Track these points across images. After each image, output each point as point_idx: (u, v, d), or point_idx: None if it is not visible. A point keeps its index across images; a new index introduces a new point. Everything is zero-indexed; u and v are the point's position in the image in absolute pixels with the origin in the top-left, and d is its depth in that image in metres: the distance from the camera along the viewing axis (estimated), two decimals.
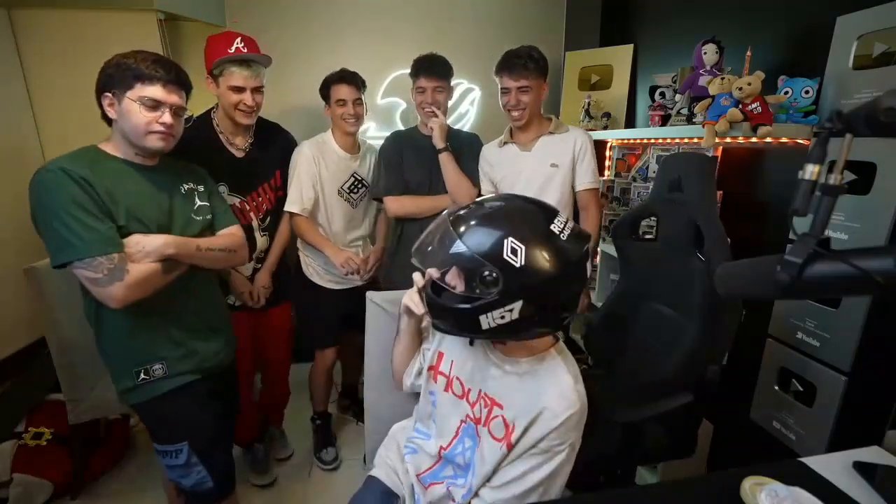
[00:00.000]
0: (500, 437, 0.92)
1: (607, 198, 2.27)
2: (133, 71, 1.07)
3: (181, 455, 1.22)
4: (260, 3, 2.40)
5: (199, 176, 1.35)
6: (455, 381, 1.01)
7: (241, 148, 1.65)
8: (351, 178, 1.86)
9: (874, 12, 1.20)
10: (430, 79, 1.80)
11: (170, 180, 1.23)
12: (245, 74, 1.54)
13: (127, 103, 1.08)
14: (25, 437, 1.77)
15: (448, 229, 0.84)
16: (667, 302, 1.45)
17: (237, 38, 1.53)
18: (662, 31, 2.21)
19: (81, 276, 1.04)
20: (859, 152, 1.18)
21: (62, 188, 1.02)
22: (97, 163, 1.10)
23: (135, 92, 1.08)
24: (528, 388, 0.90)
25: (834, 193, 0.55)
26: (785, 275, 0.58)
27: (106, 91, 1.09)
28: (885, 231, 1.16)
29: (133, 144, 1.14)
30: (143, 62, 1.09)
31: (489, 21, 2.61)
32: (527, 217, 0.86)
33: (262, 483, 1.89)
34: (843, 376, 1.28)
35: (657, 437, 1.36)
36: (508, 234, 0.80)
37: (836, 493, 0.83)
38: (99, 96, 1.11)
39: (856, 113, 0.54)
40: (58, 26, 1.88)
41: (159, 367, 1.18)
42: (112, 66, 1.09)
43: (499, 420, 0.92)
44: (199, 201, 1.29)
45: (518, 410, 0.90)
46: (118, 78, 1.08)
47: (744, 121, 1.38)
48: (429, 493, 1.03)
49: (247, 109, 1.57)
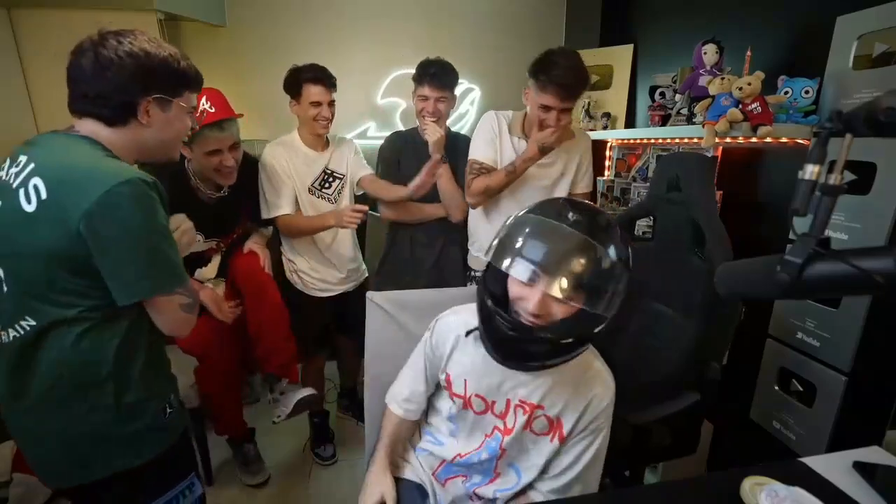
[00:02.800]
0: (547, 432, 0.95)
1: (607, 198, 2.28)
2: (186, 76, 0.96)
3: (195, 488, 1.05)
4: (260, 3, 2.41)
5: None
6: (473, 399, 0.98)
7: (212, 196, 1.62)
8: (322, 173, 1.81)
9: (874, 12, 1.20)
10: (434, 88, 1.73)
11: None
12: (218, 137, 1.46)
13: (177, 110, 0.96)
14: None
15: (587, 245, 0.79)
16: (665, 301, 1.45)
17: (202, 97, 1.42)
18: (662, 31, 2.21)
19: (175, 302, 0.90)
20: (859, 152, 1.18)
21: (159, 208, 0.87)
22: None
23: (185, 99, 0.97)
24: (568, 383, 0.93)
25: (834, 193, 0.55)
26: (785, 275, 0.58)
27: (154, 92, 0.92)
28: (885, 231, 1.16)
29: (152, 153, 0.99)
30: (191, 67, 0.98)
31: (489, 21, 2.61)
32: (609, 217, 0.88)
33: (255, 483, 1.89)
34: (843, 376, 1.28)
35: (663, 436, 1.37)
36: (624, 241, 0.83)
37: (836, 493, 0.83)
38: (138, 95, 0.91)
39: (856, 113, 0.54)
40: (58, 26, 1.88)
41: (173, 395, 1.02)
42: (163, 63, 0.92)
43: (541, 419, 0.94)
44: None
45: (562, 405, 0.93)
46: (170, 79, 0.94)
47: (744, 121, 1.38)
48: (447, 489, 1.04)
49: (227, 170, 1.52)
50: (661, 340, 1.42)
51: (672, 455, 1.40)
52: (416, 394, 1.07)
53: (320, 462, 2.02)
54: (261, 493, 1.88)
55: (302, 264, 1.87)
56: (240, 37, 2.42)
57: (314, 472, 1.99)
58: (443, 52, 1.88)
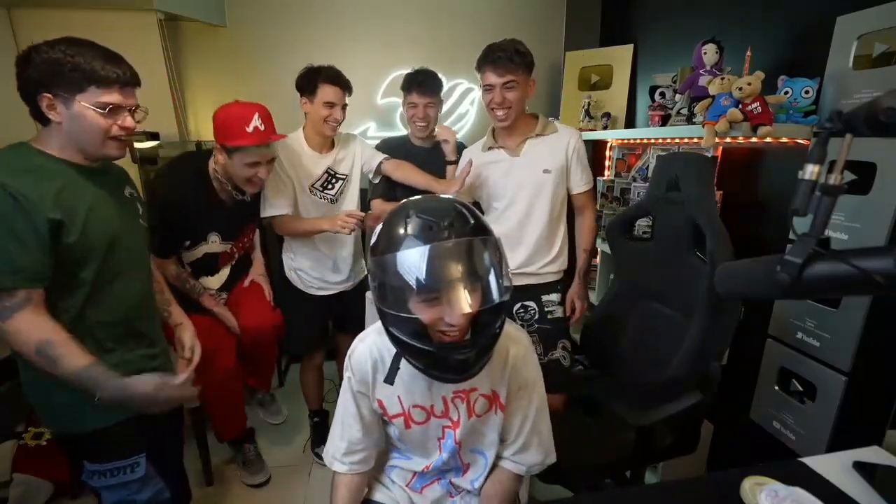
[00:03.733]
0: (489, 409, 0.97)
1: (607, 198, 2.28)
2: (84, 72, 0.93)
3: (138, 468, 1.10)
4: (260, 3, 2.41)
5: (131, 180, 1.20)
6: (412, 411, 0.96)
7: (235, 196, 1.66)
8: (324, 174, 1.81)
9: (874, 12, 1.20)
10: (422, 95, 1.83)
11: (115, 184, 1.11)
12: (263, 152, 1.53)
13: (80, 108, 0.94)
14: (25, 437, 1.77)
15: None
16: (665, 301, 1.45)
17: (255, 113, 1.49)
18: (662, 31, 2.21)
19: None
20: (859, 152, 1.18)
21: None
22: (42, 171, 0.95)
23: (89, 96, 0.94)
24: None
25: (834, 193, 0.55)
26: (785, 275, 0.58)
27: (43, 91, 0.92)
28: (885, 231, 1.16)
29: (82, 150, 1.00)
30: (96, 60, 0.93)
31: (489, 21, 2.62)
32: None
33: (255, 482, 1.89)
34: (843, 376, 1.28)
35: (663, 436, 1.37)
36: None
37: (836, 493, 0.83)
38: (30, 94, 0.94)
39: (856, 113, 0.54)
40: (58, 26, 1.87)
41: None
42: (49, 62, 0.91)
43: (480, 400, 0.96)
44: (140, 207, 1.18)
45: (490, 378, 0.95)
46: (63, 77, 0.92)
47: (744, 121, 1.38)
48: (426, 496, 1.04)
49: (259, 181, 1.58)
50: (661, 340, 1.42)
51: (672, 454, 1.40)
52: (354, 441, 0.99)
53: (320, 462, 2.02)
54: (261, 492, 1.88)
55: (301, 263, 1.87)
56: (240, 37, 2.42)
57: (314, 472, 1.99)
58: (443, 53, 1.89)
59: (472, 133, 2.77)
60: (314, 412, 2.11)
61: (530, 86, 1.57)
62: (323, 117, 1.71)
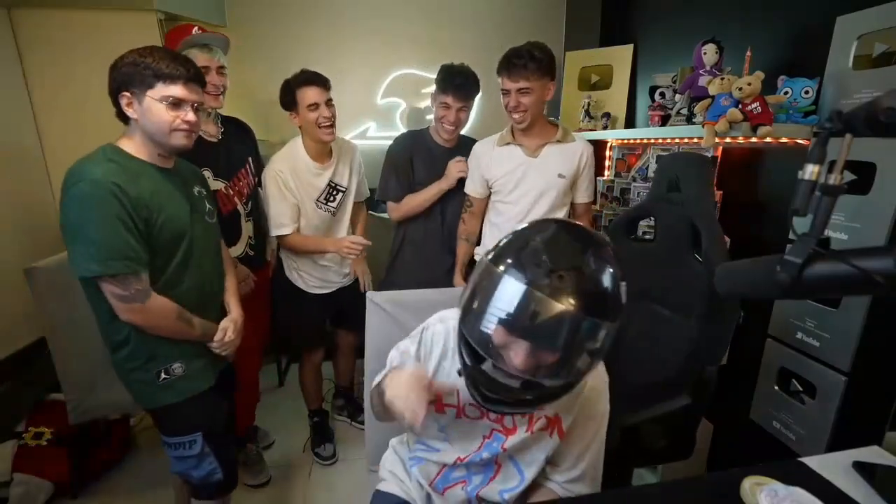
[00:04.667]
0: (545, 428, 0.93)
1: (607, 198, 2.28)
2: (153, 70, 1.06)
3: (195, 446, 1.24)
4: (260, 3, 2.41)
5: (202, 178, 1.36)
6: (468, 407, 0.95)
7: (213, 135, 1.64)
8: (326, 187, 1.81)
9: (874, 12, 1.20)
10: (457, 98, 1.74)
11: (185, 183, 1.24)
12: (206, 56, 1.56)
13: (149, 102, 1.08)
14: (25, 437, 1.77)
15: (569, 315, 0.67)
16: (664, 303, 1.45)
17: (194, 27, 1.53)
18: (662, 31, 2.21)
19: (110, 290, 1.06)
20: (859, 152, 1.18)
21: (107, 203, 1.02)
22: (131, 170, 1.09)
23: (156, 91, 1.08)
24: None
25: (834, 193, 0.55)
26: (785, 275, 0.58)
27: (123, 90, 1.08)
28: (885, 231, 1.16)
29: (157, 143, 1.13)
30: (163, 61, 1.08)
31: (489, 21, 2.61)
32: (601, 244, 0.76)
33: (256, 483, 1.89)
34: (843, 376, 1.28)
35: (655, 439, 1.36)
36: (621, 277, 0.72)
37: (836, 493, 0.83)
38: (115, 95, 1.10)
39: (856, 113, 0.54)
40: (58, 26, 1.88)
41: (178, 365, 1.20)
42: (128, 65, 1.07)
43: (541, 419, 0.92)
44: (209, 205, 1.31)
45: (559, 403, 0.88)
46: (137, 77, 1.07)
47: (744, 121, 1.38)
48: (447, 498, 1.01)
49: (214, 91, 1.57)
50: (659, 342, 1.42)
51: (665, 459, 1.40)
52: None
53: (320, 462, 2.02)
54: (261, 492, 1.88)
55: (301, 264, 1.88)
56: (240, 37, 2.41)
57: (314, 472, 1.99)
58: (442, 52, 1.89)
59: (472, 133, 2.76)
60: (313, 412, 2.11)
61: (549, 89, 1.59)
62: (313, 121, 1.69)
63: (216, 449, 1.27)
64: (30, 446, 1.75)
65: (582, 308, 0.67)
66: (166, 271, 1.16)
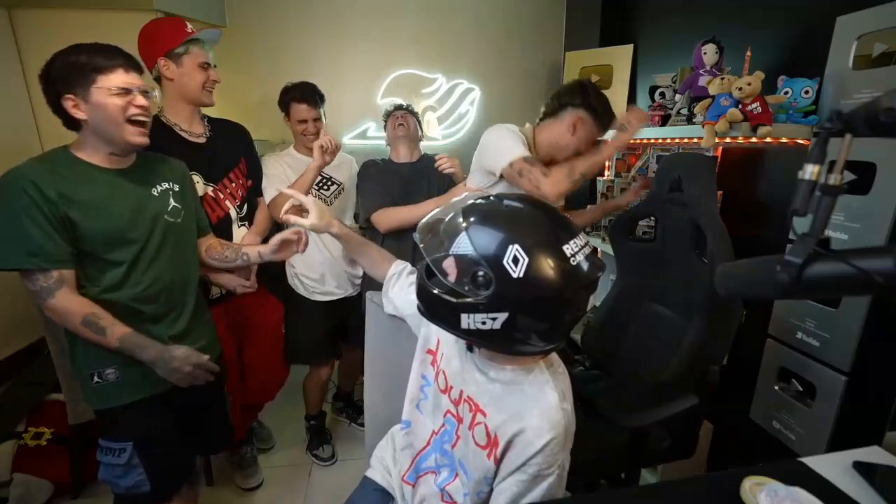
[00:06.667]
0: (485, 446, 0.87)
1: (607, 198, 2.28)
2: (91, 65, 1.05)
3: (123, 454, 1.19)
4: (260, 3, 2.41)
5: (178, 173, 1.31)
6: (441, 375, 0.98)
7: (200, 135, 1.58)
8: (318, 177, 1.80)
9: (874, 12, 1.20)
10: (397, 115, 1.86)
11: (142, 182, 1.20)
12: (206, 51, 1.53)
13: (95, 97, 1.06)
14: (25, 437, 1.77)
15: (457, 218, 0.80)
16: (666, 303, 1.45)
17: (185, 23, 1.51)
18: (662, 31, 2.21)
19: (24, 284, 1.07)
20: (859, 152, 1.18)
21: (16, 197, 1.02)
22: (63, 166, 1.09)
23: (100, 84, 1.06)
24: (512, 401, 0.85)
25: (834, 193, 0.55)
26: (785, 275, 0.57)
27: (65, 93, 1.05)
28: (885, 231, 1.15)
29: (109, 141, 1.11)
30: (96, 54, 1.06)
31: (489, 21, 2.62)
32: (541, 229, 0.80)
33: (248, 486, 1.88)
34: (843, 376, 1.28)
35: (658, 439, 1.36)
36: (515, 241, 0.75)
37: (836, 493, 0.83)
38: (56, 102, 1.07)
39: (856, 113, 0.54)
40: (58, 26, 1.88)
41: (112, 371, 1.16)
42: (62, 68, 1.05)
43: (482, 427, 0.88)
44: (174, 202, 1.26)
45: (501, 422, 0.85)
46: (75, 77, 1.05)
47: (744, 121, 1.38)
48: (417, 490, 1.01)
49: (212, 87, 1.54)
50: (662, 342, 1.42)
51: (669, 458, 1.40)
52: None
53: (320, 463, 2.02)
54: (261, 493, 1.88)
55: (299, 267, 1.89)
56: (240, 37, 2.42)
57: (314, 473, 1.99)
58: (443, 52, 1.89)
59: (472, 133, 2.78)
60: (310, 416, 2.11)
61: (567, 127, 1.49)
62: (300, 132, 1.82)
63: (149, 462, 1.21)
64: (30, 446, 1.75)
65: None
66: (108, 272, 1.13)
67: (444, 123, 2.73)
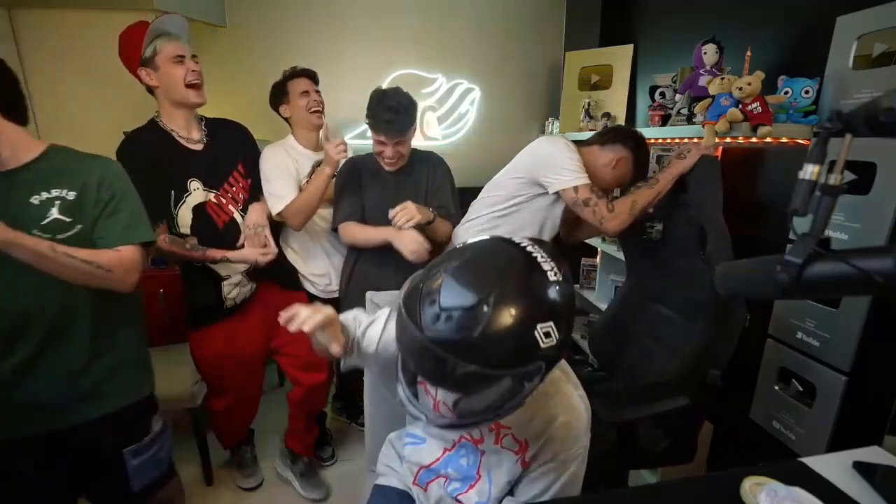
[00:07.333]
0: (516, 450, 0.88)
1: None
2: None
3: None
4: (260, 3, 2.41)
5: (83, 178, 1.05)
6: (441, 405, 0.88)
7: (198, 141, 1.56)
8: (312, 168, 1.83)
9: (874, 12, 1.20)
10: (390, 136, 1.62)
11: (20, 190, 1.01)
12: (177, 44, 1.47)
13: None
14: None
15: (447, 357, 0.61)
16: (670, 304, 1.45)
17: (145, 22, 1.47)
18: (662, 31, 2.21)
19: None
20: (859, 152, 1.18)
21: None
22: None
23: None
24: (533, 405, 0.83)
25: (834, 193, 0.55)
26: (785, 275, 0.57)
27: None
28: (885, 231, 1.16)
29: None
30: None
31: (489, 21, 2.62)
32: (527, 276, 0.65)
33: (247, 486, 1.88)
34: (843, 376, 1.28)
35: (655, 441, 1.36)
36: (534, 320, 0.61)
37: (836, 493, 0.83)
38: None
39: (856, 113, 0.54)
40: (58, 26, 1.88)
41: None
42: None
43: (509, 437, 0.88)
44: (58, 213, 1.01)
45: (526, 429, 0.86)
46: None
47: (744, 121, 1.38)
48: (430, 493, 1.00)
49: (195, 79, 1.48)
50: (663, 343, 1.42)
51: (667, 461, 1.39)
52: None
53: (320, 464, 2.01)
54: (261, 493, 1.88)
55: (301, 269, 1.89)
56: (240, 37, 2.42)
57: None
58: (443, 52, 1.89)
59: (473, 133, 2.78)
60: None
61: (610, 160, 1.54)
62: (304, 107, 1.77)
63: None
64: None
65: (461, 354, 0.61)
66: None
67: (444, 123, 2.73)
